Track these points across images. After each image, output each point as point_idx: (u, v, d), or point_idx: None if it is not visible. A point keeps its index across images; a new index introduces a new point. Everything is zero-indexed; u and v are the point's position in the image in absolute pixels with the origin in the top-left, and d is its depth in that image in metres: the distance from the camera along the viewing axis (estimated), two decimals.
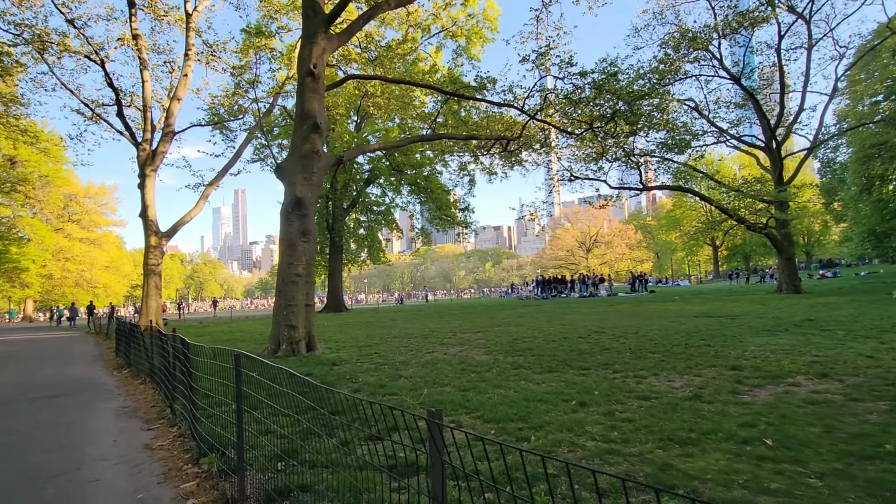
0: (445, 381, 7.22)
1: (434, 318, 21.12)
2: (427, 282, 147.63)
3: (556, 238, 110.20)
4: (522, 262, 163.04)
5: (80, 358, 12.91)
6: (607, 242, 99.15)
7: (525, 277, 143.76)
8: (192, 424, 4.48)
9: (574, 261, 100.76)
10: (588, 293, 36.38)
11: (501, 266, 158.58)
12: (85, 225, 62.04)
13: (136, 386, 7.91)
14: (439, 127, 15.51)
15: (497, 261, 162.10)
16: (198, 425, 4.35)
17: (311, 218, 11.46)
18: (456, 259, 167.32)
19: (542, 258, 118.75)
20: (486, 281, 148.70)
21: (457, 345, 11.68)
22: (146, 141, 22.93)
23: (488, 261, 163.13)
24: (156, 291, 22.36)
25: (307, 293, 11.36)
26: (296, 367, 7.45)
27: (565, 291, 38.11)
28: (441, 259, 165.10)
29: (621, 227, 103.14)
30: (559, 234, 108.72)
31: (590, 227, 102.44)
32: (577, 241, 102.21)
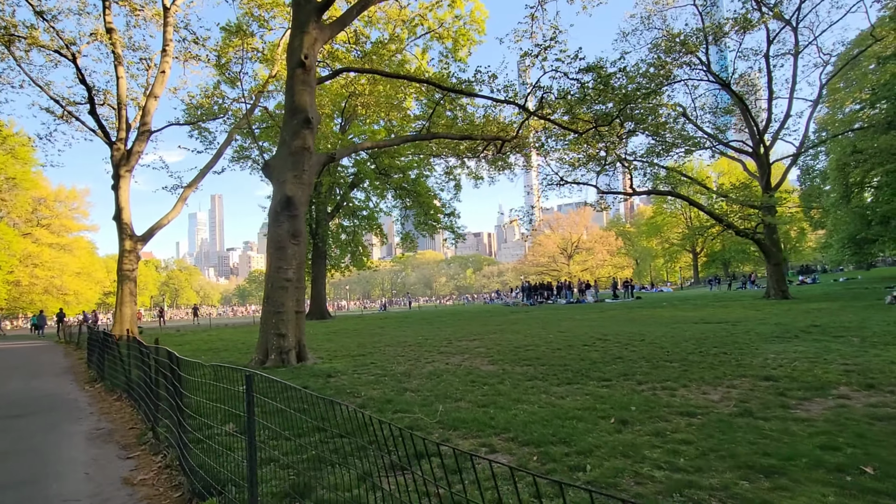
0: (457, 394, 6.60)
1: (424, 326, 20.46)
2: (408, 288, 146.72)
3: (537, 244, 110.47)
4: (503, 269, 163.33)
5: (48, 370, 11.91)
6: (588, 249, 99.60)
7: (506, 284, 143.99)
8: (180, 453, 3.79)
9: (556, 267, 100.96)
10: (575, 299, 36.11)
11: (482, 273, 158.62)
12: (55, 230, 59.90)
13: (110, 403, 7.09)
14: (432, 127, 14.95)
15: (478, 267, 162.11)
16: (188, 454, 3.66)
17: (301, 219, 10.75)
18: (437, 266, 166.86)
19: (524, 265, 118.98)
20: (466, 287, 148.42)
21: (456, 353, 11.07)
22: (121, 140, 21.85)
23: (469, 267, 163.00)
24: (130, 298, 21.23)
25: (297, 299, 10.63)
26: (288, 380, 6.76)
27: (552, 298, 37.77)
28: (422, 266, 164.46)
29: (602, 233, 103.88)
30: (541, 240, 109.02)
31: (571, 234, 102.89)
32: (559, 248, 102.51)
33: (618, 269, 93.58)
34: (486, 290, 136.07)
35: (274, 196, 10.75)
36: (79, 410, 6.79)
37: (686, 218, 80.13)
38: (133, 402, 6.58)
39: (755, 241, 26.10)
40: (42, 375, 10.80)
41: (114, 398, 7.37)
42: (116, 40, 21.92)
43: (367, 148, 12.01)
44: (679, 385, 6.47)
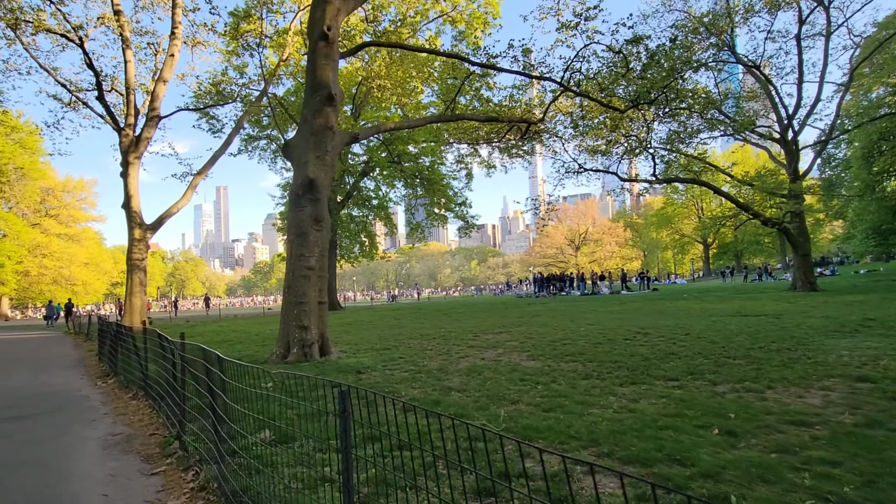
0: (511, 395, 5.90)
1: (441, 317, 19.79)
2: (413, 279, 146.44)
3: (544, 236, 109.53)
4: (508, 261, 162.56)
5: (57, 362, 11.32)
6: (596, 240, 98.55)
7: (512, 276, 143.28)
8: (219, 473, 3.10)
9: (563, 259, 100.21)
10: (589, 291, 35.33)
11: (487, 264, 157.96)
12: (63, 220, 59.64)
13: (126, 402, 6.44)
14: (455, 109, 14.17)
15: (483, 259, 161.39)
16: (229, 476, 2.97)
17: (324, 203, 10.04)
18: (441, 257, 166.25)
19: (531, 256, 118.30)
20: (471, 279, 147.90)
21: (488, 347, 10.37)
22: (129, 126, 21.17)
23: (474, 259, 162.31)
24: (140, 288, 20.67)
25: (320, 289, 9.95)
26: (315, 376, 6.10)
27: (566, 289, 37.00)
28: (426, 257, 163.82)
29: (610, 224, 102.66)
30: (548, 231, 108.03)
31: (578, 225, 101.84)
32: (567, 239, 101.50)
33: (626, 261, 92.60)
34: (491, 281, 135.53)
35: (295, 178, 10.04)
36: (91, 410, 6.14)
37: (697, 209, 79.06)
38: (151, 401, 5.92)
39: (782, 230, 25.19)
40: (50, 368, 10.20)
41: (128, 396, 6.71)
42: (124, 23, 21.17)
43: (390, 129, 11.32)
44: (762, 386, 5.74)
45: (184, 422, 4.18)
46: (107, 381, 8.19)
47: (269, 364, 9.12)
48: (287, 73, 29.12)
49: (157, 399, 5.60)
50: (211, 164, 23.01)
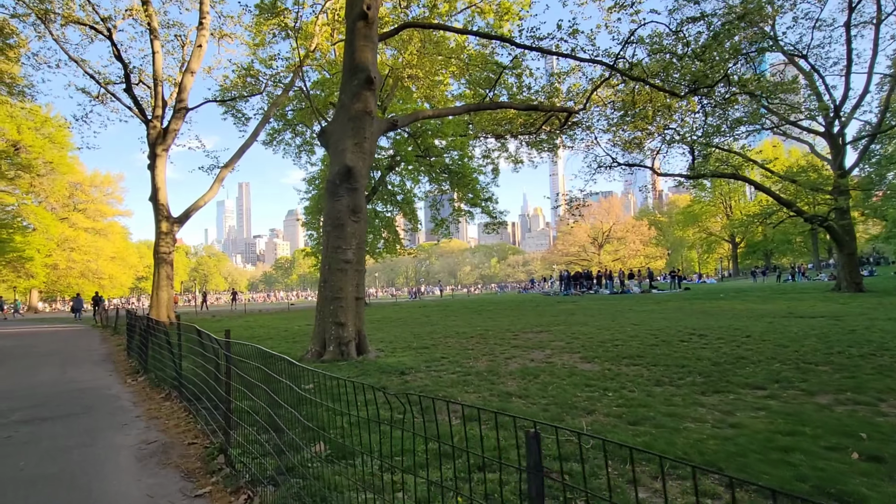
0: (581, 403, 5.28)
1: (472, 315, 19.19)
2: (432, 277, 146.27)
3: (566, 233, 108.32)
4: (529, 258, 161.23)
5: (85, 357, 11.04)
6: (620, 238, 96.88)
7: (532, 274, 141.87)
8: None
9: (586, 257, 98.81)
10: (619, 290, 34.36)
11: (507, 262, 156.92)
12: (90, 214, 60.55)
13: (158, 403, 5.99)
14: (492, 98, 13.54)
15: (503, 257, 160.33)
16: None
17: (362, 192, 9.52)
18: (461, 254, 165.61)
19: (553, 254, 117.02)
20: (491, 277, 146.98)
21: (534, 348, 9.74)
22: (157, 118, 21.01)
23: (494, 256, 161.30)
24: (167, 282, 20.52)
25: (357, 284, 9.42)
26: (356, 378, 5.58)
27: (595, 287, 36.08)
28: (446, 254, 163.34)
29: (634, 222, 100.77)
30: (570, 229, 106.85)
31: (601, 223, 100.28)
32: (590, 237, 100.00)
33: (650, 260, 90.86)
34: (511, 279, 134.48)
35: (331, 167, 9.52)
36: (122, 412, 5.70)
37: (725, 207, 77.00)
38: (186, 403, 5.45)
39: (826, 228, 23.99)
40: (78, 364, 9.89)
41: (161, 396, 6.27)
42: (152, 13, 21.00)
43: (428, 116, 10.82)
44: (871, 399, 5.02)
45: (229, 431, 3.66)
46: (137, 378, 7.79)
47: (305, 363, 8.63)
48: (315, 64, 28.79)
49: (193, 401, 5.13)
50: (238, 157, 22.80)
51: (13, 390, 7.26)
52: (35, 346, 14.04)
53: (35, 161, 44.07)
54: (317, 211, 30.60)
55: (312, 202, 30.05)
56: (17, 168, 43.51)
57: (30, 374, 8.81)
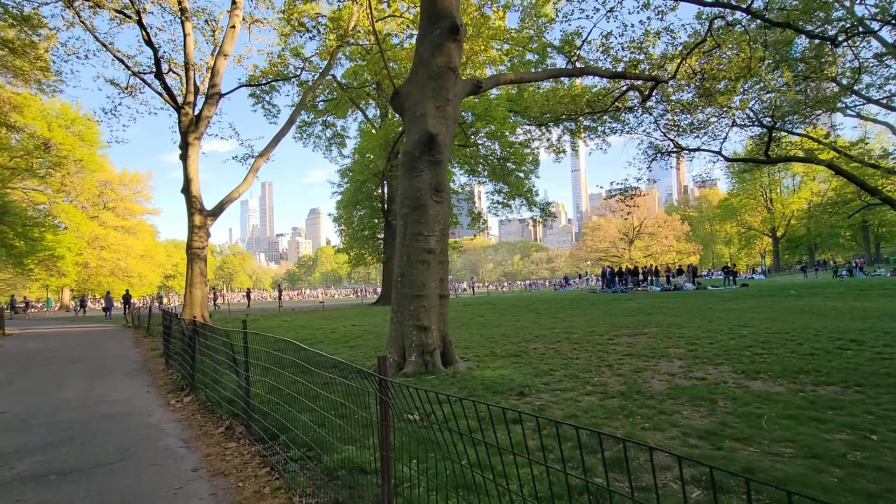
0: (849, 454, 3.45)
1: (532, 315, 17.35)
2: (454, 274, 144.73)
3: (595, 229, 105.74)
4: (552, 255, 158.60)
5: (117, 365, 9.56)
6: (651, 234, 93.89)
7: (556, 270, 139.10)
8: None
9: (616, 253, 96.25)
10: (672, 286, 32.06)
11: (530, 259, 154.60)
12: (120, 213, 60.60)
13: (219, 443, 4.31)
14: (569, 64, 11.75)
15: (526, 253, 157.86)
16: None
17: (445, 166, 7.79)
18: (483, 251, 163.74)
19: (581, 250, 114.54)
20: (514, 274, 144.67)
21: (652, 356, 7.90)
22: (189, 104, 19.67)
23: (516, 253, 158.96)
24: (201, 279, 19.16)
25: (441, 278, 7.71)
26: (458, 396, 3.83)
27: (644, 284, 33.87)
28: (468, 251, 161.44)
29: (666, 217, 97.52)
30: (600, 224, 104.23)
31: (632, 218, 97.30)
32: (620, 232, 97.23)
33: (682, 256, 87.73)
34: (534, 276, 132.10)
35: (408, 135, 7.79)
36: (171, 460, 4.02)
37: (765, 200, 73.59)
38: (261, 446, 3.77)
39: None
40: (108, 375, 8.40)
41: (220, 430, 4.58)
42: None
43: (510, 81, 9.21)
44: None
45: None
46: (181, 398, 6.19)
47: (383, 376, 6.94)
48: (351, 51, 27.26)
49: (269, 441, 3.45)
50: (273, 146, 21.35)
51: (30, 414, 5.72)
52: (62, 349, 12.70)
53: (65, 159, 43.74)
54: (351, 204, 29.16)
55: (347, 195, 28.55)
56: (48, 167, 43.22)
57: (52, 387, 7.33)
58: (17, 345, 14.03)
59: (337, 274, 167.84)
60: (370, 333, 13.02)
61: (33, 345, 14.09)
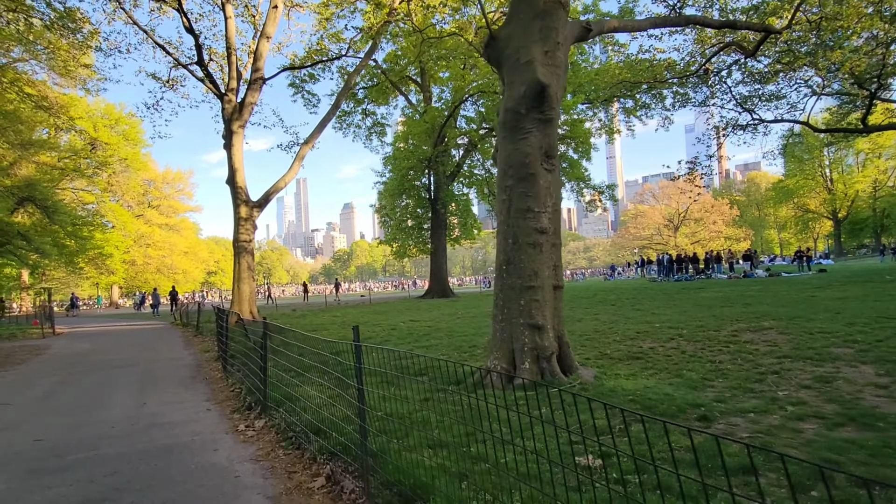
0: None
1: (609, 307, 15.65)
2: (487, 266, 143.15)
3: (639, 216, 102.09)
4: (590, 244, 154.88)
5: (169, 372, 8.50)
6: (698, 219, 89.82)
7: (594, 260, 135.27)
8: None
9: (661, 240, 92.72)
10: (741, 273, 29.61)
11: (567, 248, 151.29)
12: (164, 211, 61.65)
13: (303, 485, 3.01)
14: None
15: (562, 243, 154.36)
16: None
17: (556, 126, 6.27)
18: None
19: (624, 238, 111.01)
20: None
21: (814, 359, 6.22)
22: (231, 91, 18.73)
23: None
24: (249, 273, 18.27)
25: (555, 265, 6.23)
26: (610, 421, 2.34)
27: (709, 272, 31.49)
28: None
29: (713, 202, 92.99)
30: (644, 210, 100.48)
31: (678, 204, 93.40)
32: (665, 218, 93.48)
33: (731, 242, 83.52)
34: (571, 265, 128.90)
35: (510, 89, 6.28)
36: None
37: (825, 180, 69.08)
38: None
39: None
40: (160, 384, 7.29)
41: (316, 480, 3.26)
42: None
43: (613, 29, 7.69)
44: None
45: None
46: (251, 421, 4.91)
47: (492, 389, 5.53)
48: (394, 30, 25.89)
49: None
50: (318, 132, 20.28)
51: (68, 445, 4.56)
52: (111, 351, 11.86)
53: (111, 158, 44.29)
54: (396, 193, 27.92)
55: (392, 184, 27.26)
56: (95, 167, 43.81)
57: (98, 402, 6.25)
58: (65, 346, 13.36)
59: (372, 267, 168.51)
60: (437, 331, 11.68)
61: (81, 345, 13.39)
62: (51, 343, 14.33)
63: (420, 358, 4.01)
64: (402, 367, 5.23)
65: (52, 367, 9.31)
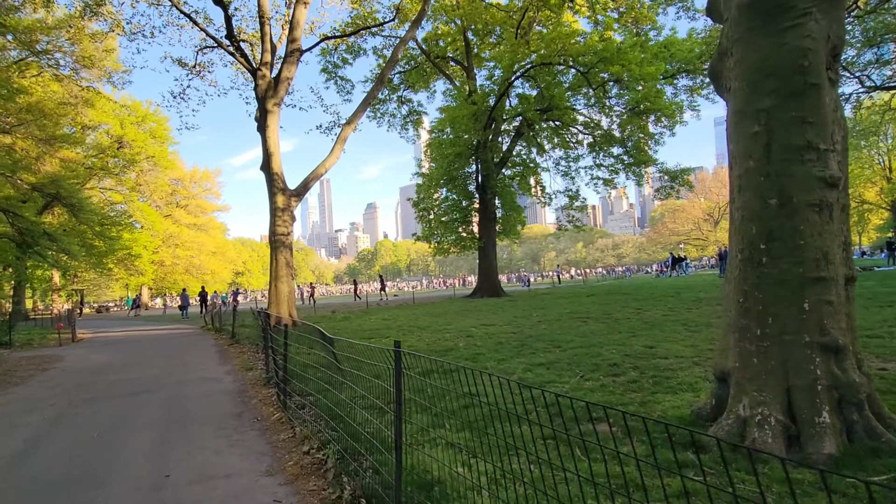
0: None
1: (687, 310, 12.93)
2: (513, 264, 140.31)
3: (676, 210, 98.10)
4: (618, 241, 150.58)
5: (204, 406, 6.07)
6: None
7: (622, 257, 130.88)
8: None
9: (700, 236, 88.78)
10: None
11: (595, 246, 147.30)
12: (192, 210, 60.84)
13: None
14: None
15: (589, 241, 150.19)
16: None
17: (844, 5, 3.73)
18: (544, 239, 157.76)
19: (660, 234, 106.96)
20: (577, 262, 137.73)
21: None
22: (265, 65, 16.58)
23: (579, 241, 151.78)
24: (287, 271, 16.09)
25: (845, 241, 3.68)
26: None
27: None
28: (528, 240, 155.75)
29: None
30: (682, 205, 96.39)
31: (718, 198, 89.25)
32: (704, 213, 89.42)
33: None
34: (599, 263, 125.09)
35: None
36: None
37: (883, 169, 64.44)
38: None
39: None
40: (191, 431, 4.87)
41: None
42: None
43: None
44: None
45: None
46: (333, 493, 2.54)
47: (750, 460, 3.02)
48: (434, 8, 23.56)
49: None
50: (361, 112, 18.00)
51: None
52: (131, 366, 9.68)
53: (138, 156, 43.20)
54: (440, 184, 25.53)
55: (436, 173, 24.75)
56: (122, 165, 42.75)
57: (95, 471, 3.95)
58: (80, 357, 11.31)
59: (396, 267, 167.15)
60: (535, 339, 9.18)
61: (98, 357, 11.31)
62: (65, 353, 12.32)
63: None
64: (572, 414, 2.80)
65: (52, 393, 7.15)
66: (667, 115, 20.59)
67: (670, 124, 21.49)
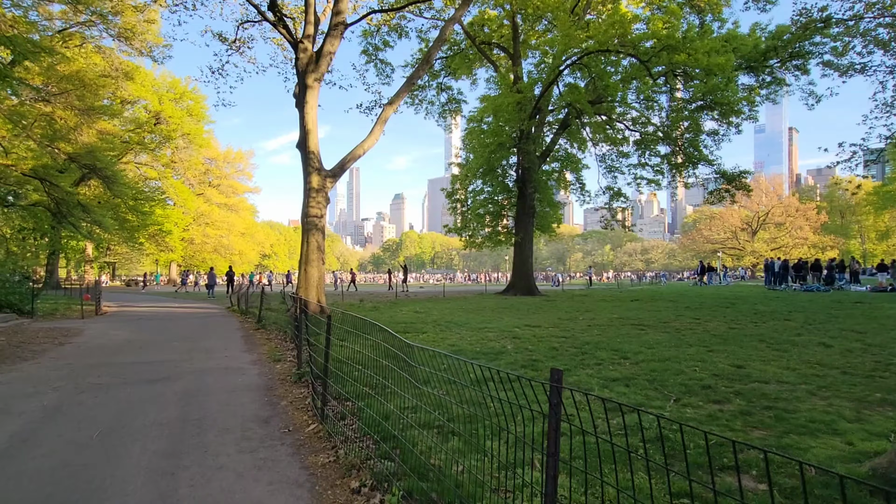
0: None
1: (788, 325, 11.62)
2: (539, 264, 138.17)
3: (712, 217, 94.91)
4: (648, 246, 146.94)
5: (225, 406, 5.16)
6: (779, 224, 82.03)
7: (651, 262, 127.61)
8: None
9: (736, 245, 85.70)
10: (889, 286, 24.33)
11: (623, 249, 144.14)
12: (223, 190, 61.17)
13: None
14: None
15: (617, 244, 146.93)
16: None
17: None
18: (571, 240, 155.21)
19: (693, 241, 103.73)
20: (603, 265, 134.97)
21: None
22: (307, 38, 15.77)
23: (607, 244, 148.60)
24: (318, 254, 15.30)
25: None
26: None
27: (840, 283, 26.41)
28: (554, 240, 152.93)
29: (799, 205, 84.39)
30: (720, 213, 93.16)
31: (758, 207, 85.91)
32: (742, 221, 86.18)
33: (817, 250, 75.53)
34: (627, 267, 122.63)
35: None
36: None
37: None
38: None
39: None
40: (208, 440, 3.96)
41: None
42: None
43: None
44: None
45: None
46: None
47: None
48: None
49: None
50: (404, 94, 17.09)
51: None
52: (150, 347, 8.98)
53: (174, 133, 43.30)
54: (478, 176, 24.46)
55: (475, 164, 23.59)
56: (158, 141, 42.94)
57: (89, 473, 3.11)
58: (100, 332, 10.73)
59: (420, 259, 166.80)
60: (593, 346, 8.13)
61: (119, 333, 10.70)
62: (86, 327, 11.77)
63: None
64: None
65: (60, 373, 6.43)
66: (734, 112, 18.93)
67: (738, 121, 19.84)
